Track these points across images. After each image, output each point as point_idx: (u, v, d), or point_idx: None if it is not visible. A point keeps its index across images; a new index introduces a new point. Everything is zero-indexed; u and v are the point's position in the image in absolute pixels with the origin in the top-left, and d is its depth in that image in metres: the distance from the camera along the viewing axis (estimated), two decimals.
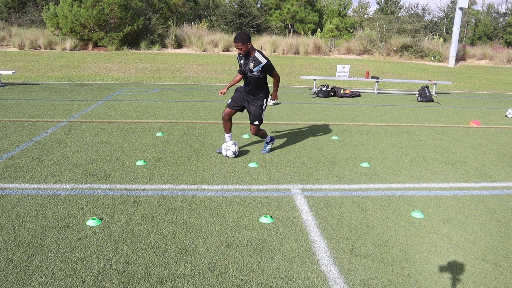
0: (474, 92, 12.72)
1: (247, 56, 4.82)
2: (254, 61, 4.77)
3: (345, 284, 2.67)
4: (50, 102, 8.44)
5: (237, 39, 4.68)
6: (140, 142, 5.67)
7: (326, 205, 3.83)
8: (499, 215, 3.76)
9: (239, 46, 4.69)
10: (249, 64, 4.80)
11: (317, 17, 30.53)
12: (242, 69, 4.93)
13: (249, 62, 4.81)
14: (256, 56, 4.77)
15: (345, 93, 10.41)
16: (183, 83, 11.99)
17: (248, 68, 4.83)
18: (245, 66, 4.86)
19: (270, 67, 4.83)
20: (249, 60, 4.80)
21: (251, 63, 4.78)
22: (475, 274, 2.82)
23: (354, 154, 5.48)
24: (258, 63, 4.76)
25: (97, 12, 21.20)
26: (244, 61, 4.88)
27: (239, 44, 4.68)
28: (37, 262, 2.76)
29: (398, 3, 38.80)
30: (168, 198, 3.86)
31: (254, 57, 4.77)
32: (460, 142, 6.30)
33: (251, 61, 4.79)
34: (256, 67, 4.79)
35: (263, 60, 4.74)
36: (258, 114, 5.04)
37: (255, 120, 5.07)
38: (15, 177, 4.25)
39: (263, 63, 4.74)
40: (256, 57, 4.76)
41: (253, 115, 5.04)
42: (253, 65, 4.78)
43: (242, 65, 4.91)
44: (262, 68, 4.78)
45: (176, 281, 2.63)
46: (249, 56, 4.81)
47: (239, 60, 4.97)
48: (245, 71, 4.89)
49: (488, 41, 33.82)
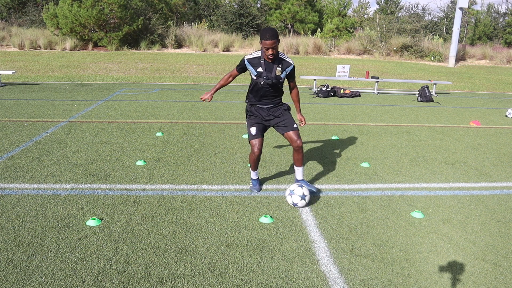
0: (474, 92, 12.72)
1: (273, 60, 3.69)
2: (281, 65, 3.70)
3: (345, 284, 2.67)
4: (50, 102, 8.43)
5: (272, 35, 3.48)
6: (140, 142, 5.67)
7: (326, 205, 3.83)
8: (499, 215, 3.76)
9: (273, 45, 3.51)
10: (276, 70, 3.69)
11: (317, 17, 30.52)
12: (263, 79, 3.72)
13: (274, 67, 3.69)
14: (282, 58, 3.73)
15: (345, 93, 10.41)
16: (183, 83, 11.99)
17: (275, 75, 3.71)
18: (269, 73, 3.70)
19: (294, 70, 3.87)
20: (274, 64, 3.70)
21: (278, 67, 3.69)
22: (475, 274, 2.82)
23: (354, 154, 5.48)
24: (286, 65, 3.73)
25: (97, 12, 21.20)
26: (266, 67, 3.70)
27: (274, 41, 3.49)
28: (37, 262, 2.76)
29: (398, 3, 38.80)
30: (168, 198, 3.86)
31: (279, 60, 3.70)
32: (460, 142, 6.30)
33: (277, 65, 3.69)
34: (283, 72, 3.74)
35: (291, 62, 3.76)
36: (290, 116, 3.98)
37: (294, 123, 3.91)
38: (15, 177, 4.25)
39: (293, 65, 3.77)
40: (282, 59, 3.72)
41: (288, 119, 3.92)
42: (281, 69, 3.71)
43: (264, 72, 3.71)
44: (289, 72, 3.78)
45: (176, 281, 2.63)
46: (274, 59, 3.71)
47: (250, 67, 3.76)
48: (268, 80, 3.71)
49: (488, 41, 33.82)
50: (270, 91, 3.81)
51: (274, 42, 3.49)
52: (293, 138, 3.83)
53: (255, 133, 3.85)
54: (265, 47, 3.52)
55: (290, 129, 3.86)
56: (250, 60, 3.74)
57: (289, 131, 3.86)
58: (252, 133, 3.86)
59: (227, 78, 4.00)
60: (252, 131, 3.87)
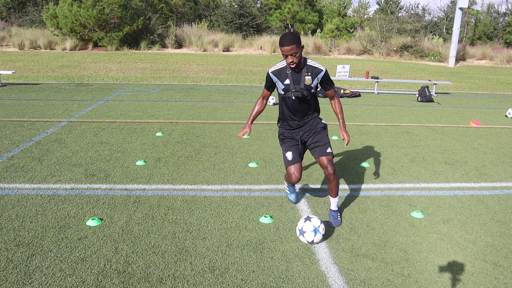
0: (474, 92, 12.72)
1: (298, 68, 3.18)
2: (310, 72, 3.17)
3: (345, 284, 2.67)
4: (50, 102, 8.43)
5: (290, 40, 2.98)
6: (140, 142, 5.67)
7: (326, 205, 3.83)
8: (499, 215, 3.76)
9: (292, 51, 3.00)
10: (304, 79, 3.17)
11: (317, 17, 30.53)
12: (291, 92, 3.22)
13: (302, 76, 3.17)
14: (310, 64, 3.19)
15: (345, 93, 10.41)
16: (183, 83, 11.99)
17: (304, 85, 3.19)
18: (297, 84, 3.20)
19: (329, 78, 3.29)
20: (302, 72, 3.18)
21: (307, 76, 3.16)
22: (475, 274, 2.82)
23: (354, 154, 5.47)
24: (317, 72, 3.18)
25: (97, 12, 21.20)
26: (293, 77, 3.19)
27: (293, 47, 2.98)
28: (37, 262, 2.76)
29: (398, 3, 38.81)
30: (168, 198, 3.86)
31: (308, 67, 3.17)
32: (460, 142, 6.30)
33: (305, 73, 3.17)
34: (314, 81, 3.19)
35: (322, 67, 3.21)
36: (326, 137, 3.41)
37: (328, 147, 3.34)
38: (15, 177, 4.25)
39: (324, 70, 3.21)
40: (310, 66, 3.18)
41: (321, 141, 3.37)
42: (311, 78, 3.17)
43: (291, 85, 3.21)
44: (322, 79, 3.22)
45: (176, 281, 2.63)
46: (300, 67, 3.18)
47: (277, 79, 3.26)
48: (297, 92, 3.20)
49: (488, 41, 33.84)
50: (302, 106, 3.30)
51: (293, 48, 2.97)
52: (324, 164, 3.28)
53: (291, 158, 3.33)
54: (284, 54, 3.04)
55: (323, 154, 3.30)
56: (275, 72, 3.25)
57: (321, 155, 3.30)
58: (289, 158, 3.34)
59: (261, 101, 3.51)
60: (288, 156, 3.35)
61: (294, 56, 3.02)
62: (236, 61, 18.91)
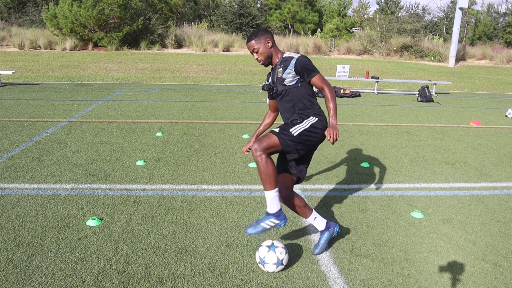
0: (474, 92, 12.72)
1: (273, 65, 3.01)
2: (282, 65, 2.91)
3: (345, 284, 2.67)
4: (50, 102, 8.44)
5: (249, 37, 2.91)
6: (140, 142, 5.67)
7: (326, 205, 3.83)
8: (499, 215, 3.76)
9: (252, 48, 2.89)
10: (277, 73, 2.94)
11: (317, 17, 30.55)
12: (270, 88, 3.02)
13: (276, 71, 2.95)
14: (284, 56, 2.94)
15: (345, 93, 10.41)
16: (183, 83, 11.99)
17: (277, 78, 2.94)
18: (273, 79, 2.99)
19: (307, 64, 2.84)
20: (276, 68, 2.96)
21: (279, 68, 2.92)
22: (475, 274, 2.82)
23: (354, 154, 5.48)
24: (288, 62, 2.88)
25: (97, 12, 21.20)
26: (272, 74, 3.02)
27: (251, 43, 2.89)
28: (37, 262, 2.76)
29: (398, 3, 38.80)
30: (168, 198, 3.86)
31: (281, 60, 2.93)
32: (460, 142, 6.30)
33: (278, 67, 2.93)
34: (285, 71, 2.88)
35: (295, 55, 2.90)
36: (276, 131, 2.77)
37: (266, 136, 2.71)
38: (15, 177, 4.25)
39: (295, 57, 2.87)
40: (284, 57, 2.93)
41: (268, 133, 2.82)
42: (282, 69, 2.90)
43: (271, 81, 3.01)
44: (296, 67, 2.84)
45: (176, 281, 2.63)
46: (275, 63, 2.99)
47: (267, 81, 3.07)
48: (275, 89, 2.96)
49: (488, 41, 33.83)
50: (285, 105, 2.95)
51: (251, 45, 2.87)
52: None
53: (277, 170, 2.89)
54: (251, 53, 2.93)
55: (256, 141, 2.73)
56: (268, 74, 3.10)
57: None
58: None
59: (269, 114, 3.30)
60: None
61: (256, 53, 2.90)
62: (236, 61, 18.91)
